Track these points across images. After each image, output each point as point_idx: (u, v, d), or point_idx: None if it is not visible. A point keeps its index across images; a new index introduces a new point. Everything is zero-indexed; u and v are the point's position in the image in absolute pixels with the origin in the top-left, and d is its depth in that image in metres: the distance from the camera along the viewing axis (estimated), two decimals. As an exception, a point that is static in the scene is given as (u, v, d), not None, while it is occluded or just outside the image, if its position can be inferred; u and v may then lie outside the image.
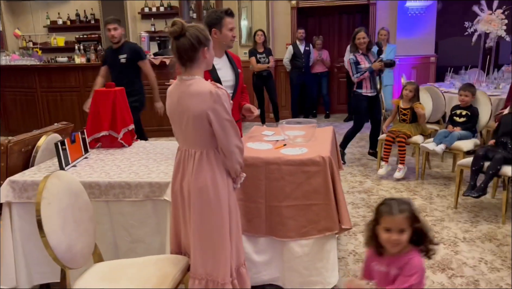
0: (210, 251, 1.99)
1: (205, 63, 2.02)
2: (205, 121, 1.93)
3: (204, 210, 1.98)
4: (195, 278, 2.03)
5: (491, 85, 5.60)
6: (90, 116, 3.16)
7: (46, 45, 8.73)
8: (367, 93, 5.06)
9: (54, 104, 7.00)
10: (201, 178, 1.97)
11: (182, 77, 1.98)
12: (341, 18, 8.27)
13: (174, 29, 1.92)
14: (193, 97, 1.92)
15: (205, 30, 2.01)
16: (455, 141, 4.23)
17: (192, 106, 1.92)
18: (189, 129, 1.97)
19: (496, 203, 3.88)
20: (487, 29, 5.62)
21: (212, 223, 1.98)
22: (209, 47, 2.00)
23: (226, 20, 2.75)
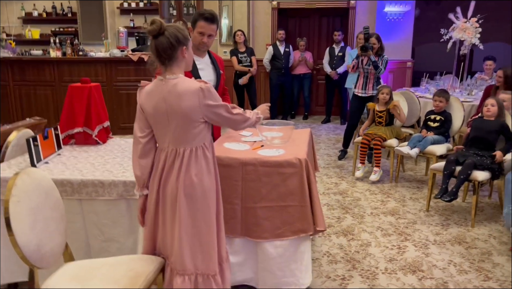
0: (199, 246, 2.01)
1: (184, 63, 2.01)
2: (197, 119, 1.95)
3: (194, 206, 1.99)
4: (184, 275, 2.02)
5: (464, 92, 5.74)
6: (64, 112, 3.09)
7: (20, 37, 8.51)
8: (358, 92, 5.20)
9: (28, 98, 6.81)
10: (191, 175, 1.97)
11: (166, 76, 1.96)
12: (321, 20, 8.33)
13: (153, 27, 1.91)
14: (183, 96, 1.91)
15: (184, 30, 2.01)
16: (429, 145, 4.32)
17: (183, 105, 1.91)
18: (178, 128, 1.96)
19: (466, 207, 3.99)
20: (462, 36, 5.76)
21: (202, 218, 2.01)
22: (187, 46, 1.99)
23: (199, 23, 2.71)
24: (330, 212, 3.89)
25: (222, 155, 2.52)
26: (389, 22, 7.37)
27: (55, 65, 6.64)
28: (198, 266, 2.01)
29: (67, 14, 8.44)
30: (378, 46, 5.01)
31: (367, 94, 5.14)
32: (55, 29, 8.48)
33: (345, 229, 3.55)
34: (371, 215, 3.83)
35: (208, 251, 2.03)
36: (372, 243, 3.30)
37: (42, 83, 6.72)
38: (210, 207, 2.03)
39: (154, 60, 1.99)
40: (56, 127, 2.89)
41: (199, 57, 2.87)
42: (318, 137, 6.75)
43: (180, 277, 2.02)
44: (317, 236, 3.38)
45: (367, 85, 5.14)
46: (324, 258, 3.09)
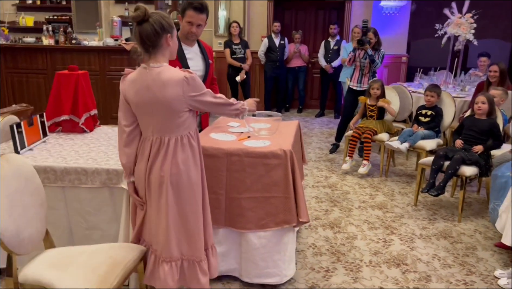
0: (185, 233, 2.03)
1: (168, 51, 1.99)
2: (182, 108, 1.94)
3: (181, 194, 1.99)
4: (170, 261, 2.03)
5: (457, 88, 5.74)
6: (51, 100, 3.07)
7: (14, 24, 8.43)
8: (353, 86, 5.21)
9: (20, 85, 6.75)
10: (177, 164, 1.97)
11: (150, 65, 1.94)
12: (317, 13, 8.29)
13: (137, 13, 1.89)
14: (167, 85, 1.89)
15: (169, 18, 1.99)
16: (419, 140, 4.32)
17: (167, 94, 1.90)
18: (162, 117, 1.94)
19: (454, 202, 4.00)
20: (456, 32, 5.74)
21: (188, 206, 2.02)
22: (172, 34, 1.97)
23: (188, 12, 2.67)
24: (318, 205, 3.89)
25: (207, 145, 2.51)
26: (385, 16, 7.34)
27: (47, 53, 6.59)
28: (184, 253, 2.03)
29: (61, 2, 8.37)
30: (375, 40, 4.99)
31: (362, 88, 5.12)
32: (49, 17, 8.40)
33: (332, 221, 3.55)
34: (359, 208, 3.84)
35: (194, 238, 2.04)
36: (358, 236, 3.31)
37: (35, 71, 6.66)
38: (196, 195, 2.03)
39: (137, 47, 1.97)
40: (42, 115, 2.87)
41: (188, 46, 2.85)
42: (311, 131, 6.75)
43: (167, 264, 2.03)
44: (303, 228, 3.39)
45: (363, 78, 5.13)
46: (309, 250, 3.09)
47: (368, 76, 5.12)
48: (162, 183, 1.97)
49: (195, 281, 2.08)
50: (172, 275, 2.04)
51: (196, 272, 2.07)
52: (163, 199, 1.98)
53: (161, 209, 1.99)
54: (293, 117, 7.77)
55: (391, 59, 7.51)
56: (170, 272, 2.03)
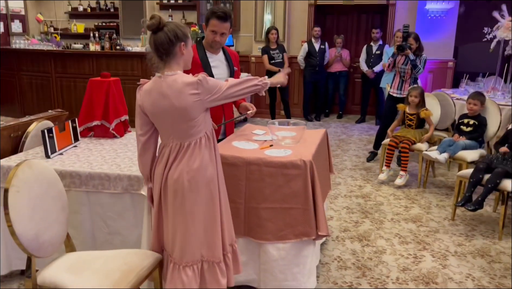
0: (204, 235, 2.04)
1: (183, 60, 2.01)
2: (199, 112, 1.96)
3: (198, 196, 2.00)
4: (192, 265, 2.04)
5: (506, 95, 5.39)
6: (84, 105, 3.18)
7: (66, 31, 8.89)
8: (393, 93, 5.06)
9: (68, 89, 7.11)
10: (194, 166, 1.98)
11: (164, 73, 1.96)
12: (359, 17, 8.11)
13: (152, 22, 1.93)
14: (183, 91, 1.91)
15: (184, 27, 2.00)
16: (460, 150, 4.09)
17: (184, 101, 1.91)
18: (180, 123, 1.96)
19: (496, 218, 3.75)
20: (507, 36, 5.40)
21: (206, 206, 2.03)
22: (186, 43, 1.99)
23: (212, 21, 2.70)
24: (349, 216, 3.78)
25: (227, 154, 2.50)
26: (430, 20, 7.04)
27: (93, 59, 6.89)
28: (204, 254, 2.05)
29: (110, 10, 8.72)
30: (416, 46, 4.79)
31: (403, 95, 4.93)
32: (98, 23, 8.78)
33: (361, 234, 3.44)
34: (391, 221, 3.69)
35: (213, 239, 2.05)
36: (387, 251, 3.18)
37: (82, 76, 6.99)
38: (213, 194, 2.04)
39: (153, 55, 2.00)
40: (74, 120, 2.98)
41: (212, 54, 2.86)
42: (350, 138, 6.60)
43: (189, 268, 2.04)
44: (330, 239, 3.30)
45: (403, 85, 4.95)
46: (334, 263, 3.01)
47: (409, 82, 4.93)
48: (179, 187, 1.98)
49: (214, 282, 2.08)
50: (195, 279, 2.05)
51: (216, 273, 2.08)
52: (181, 202, 1.99)
53: (179, 213, 2.00)
54: (333, 123, 7.64)
55: (436, 64, 7.20)
56: (193, 276, 2.04)
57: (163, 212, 2.10)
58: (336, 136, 6.60)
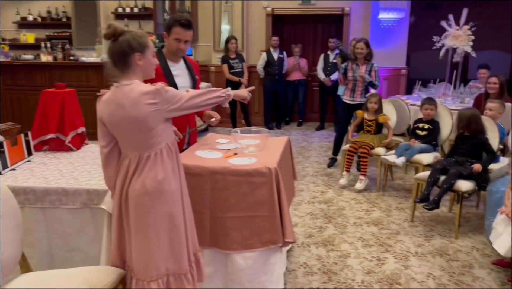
0: (169, 248, 1.98)
1: (140, 70, 1.96)
2: (158, 122, 1.91)
3: (162, 208, 1.94)
4: (157, 279, 1.97)
5: (456, 100, 5.66)
6: (37, 118, 3.05)
7: (15, 41, 8.51)
8: (346, 100, 5.16)
9: (18, 102, 6.78)
10: (156, 178, 1.92)
11: (122, 83, 1.91)
12: (316, 27, 8.29)
13: (107, 32, 1.91)
14: (139, 101, 1.86)
15: (142, 37, 1.95)
16: (416, 154, 4.24)
17: (141, 111, 1.86)
18: (139, 134, 1.91)
19: (452, 217, 3.89)
20: (454, 44, 5.69)
21: (169, 218, 1.97)
22: (143, 53, 1.93)
23: (175, 29, 2.67)
24: (313, 222, 3.81)
25: (190, 164, 2.45)
26: (383, 29, 7.31)
27: (46, 70, 6.62)
28: (169, 267, 1.98)
29: (62, 19, 8.44)
30: (367, 51, 4.95)
31: (355, 102, 5.08)
32: (50, 33, 8.47)
33: (326, 239, 3.47)
34: (354, 225, 3.75)
35: (178, 252, 2.00)
36: (352, 254, 3.22)
37: (33, 88, 6.67)
38: (177, 208, 1.99)
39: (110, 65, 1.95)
40: (27, 134, 2.85)
41: (173, 62, 2.83)
42: (310, 145, 6.69)
43: (154, 283, 1.97)
44: (295, 246, 3.31)
45: (355, 92, 5.08)
46: (300, 269, 3.01)
47: (361, 90, 5.07)
48: (140, 201, 1.92)
49: None
50: None
51: (183, 284, 2.03)
52: (143, 216, 1.92)
53: (141, 227, 1.93)
54: (293, 130, 7.72)
55: (390, 71, 7.46)
56: None
57: (124, 226, 2.03)
58: (297, 144, 6.68)
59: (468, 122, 3.63)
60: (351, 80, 5.05)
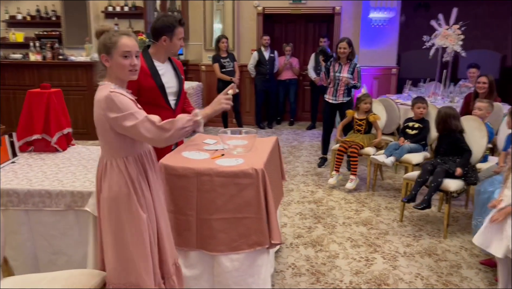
0: (126, 262, 1.92)
1: (112, 72, 1.92)
2: (107, 129, 1.87)
3: (114, 221, 1.91)
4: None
5: (446, 99, 5.68)
6: (22, 118, 3.01)
7: (4, 40, 8.41)
8: (328, 99, 5.16)
9: (7, 102, 6.70)
10: (109, 188, 1.90)
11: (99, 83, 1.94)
12: (307, 26, 8.28)
13: (96, 30, 1.97)
14: (96, 104, 1.89)
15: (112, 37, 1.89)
16: (405, 154, 4.25)
17: (96, 113, 1.90)
18: (99, 136, 1.94)
19: (441, 217, 3.91)
20: (444, 44, 5.71)
21: (127, 233, 1.91)
22: (109, 55, 1.88)
23: (178, 29, 2.71)
24: (302, 222, 3.80)
25: (177, 165, 2.44)
26: (374, 28, 7.31)
27: (34, 69, 6.56)
28: (121, 279, 1.92)
29: (51, 18, 8.36)
30: (349, 51, 4.94)
31: (338, 101, 5.10)
32: (39, 32, 8.39)
33: (315, 239, 3.47)
34: (343, 225, 3.75)
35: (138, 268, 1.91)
36: (340, 255, 3.22)
37: (22, 88, 6.59)
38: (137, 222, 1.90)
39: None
40: (11, 134, 2.80)
41: (160, 62, 2.80)
42: (301, 144, 6.68)
43: None
44: (284, 247, 3.30)
45: (338, 92, 5.08)
46: (288, 270, 3.00)
47: (343, 89, 5.06)
48: (104, 205, 1.92)
49: None
50: None
51: None
52: (105, 220, 1.92)
53: (103, 231, 1.94)
54: (284, 130, 7.71)
55: (381, 71, 7.48)
56: None
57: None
58: (288, 143, 6.67)
59: (443, 121, 3.69)
60: (334, 79, 5.05)
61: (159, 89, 2.72)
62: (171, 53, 2.83)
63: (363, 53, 7.37)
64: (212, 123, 7.70)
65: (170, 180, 2.41)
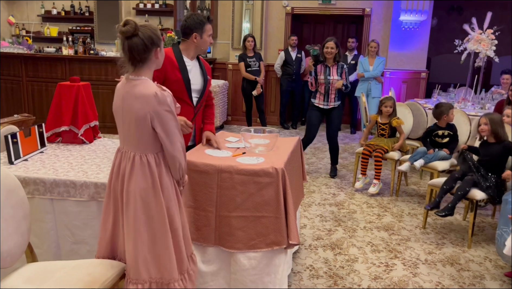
0: (151, 255, 1.96)
1: (155, 64, 2.00)
2: (148, 125, 1.90)
3: (143, 215, 1.94)
4: (137, 283, 1.97)
5: (476, 105, 5.53)
6: (52, 110, 3.09)
7: (39, 34, 8.69)
8: (319, 104, 4.90)
9: (39, 94, 6.92)
10: (137, 182, 1.92)
11: (129, 76, 1.94)
12: (335, 27, 8.22)
13: (127, 28, 1.89)
14: (138, 99, 1.88)
15: (157, 30, 1.98)
16: (436, 160, 4.15)
17: (135, 108, 1.88)
18: (131, 131, 1.94)
19: (466, 226, 3.81)
20: (477, 48, 5.55)
21: (153, 227, 1.95)
22: (161, 47, 1.97)
23: (207, 26, 2.76)
24: (322, 224, 3.77)
25: (198, 161, 2.46)
26: (404, 31, 7.18)
27: (66, 63, 6.74)
28: (152, 275, 1.96)
29: (85, 13, 8.58)
30: (336, 52, 4.75)
31: (329, 106, 4.86)
32: (72, 27, 8.61)
33: (334, 242, 3.43)
34: (364, 229, 3.70)
35: (163, 261, 1.96)
36: (359, 259, 3.18)
37: (54, 80, 6.79)
38: (162, 217, 1.94)
39: (125, 60, 1.96)
40: (40, 125, 2.89)
41: (189, 59, 2.83)
42: (325, 146, 6.60)
43: (133, 285, 1.96)
44: (302, 248, 3.28)
45: (330, 96, 4.82)
46: (306, 272, 2.98)
47: (335, 93, 4.81)
48: (127, 200, 1.94)
49: None
50: None
51: None
52: (129, 216, 1.93)
53: (129, 225, 1.94)
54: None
55: (410, 74, 7.34)
56: None
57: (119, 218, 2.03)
58: (312, 145, 6.60)
59: (496, 129, 3.46)
60: (323, 83, 4.79)
61: (185, 84, 2.75)
62: (201, 51, 2.85)
63: (392, 56, 7.26)
64: (236, 122, 7.75)
65: (191, 175, 2.44)
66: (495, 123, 3.47)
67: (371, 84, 6.63)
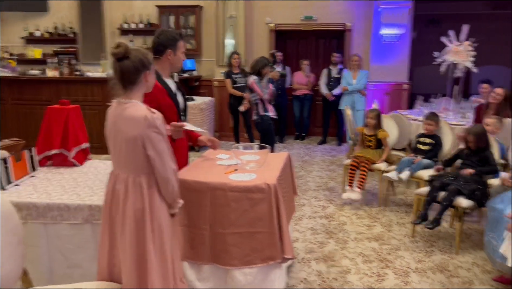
0: (145, 276, 1.96)
1: (145, 87, 2.04)
2: (139, 147, 1.93)
3: (138, 236, 1.95)
4: None
5: (457, 115, 5.68)
6: (42, 134, 3.11)
7: (22, 56, 8.65)
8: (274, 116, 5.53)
9: (25, 117, 6.86)
10: (132, 204, 1.94)
11: (120, 100, 1.98)
12: (317, 42, 8.38)
13: (118, 50, 1.93)
14: (128, 121, 1.92)
15: (148, 54, 2.03)
16: (421, 169, 4.25)
17: (126, 130, 1.92)
18: (122, 153, 1.97)
19: (453, 233, 3.88)
20: (455, 60, 5.73)
21: (150, 248, 1.96)
22: (151, 70, 2.02)
23: (180, 42, 2.69)
24: (314, 237, 3.82)
25: (190, 179, 2.50)
26: (385, 44, 7.37)
27: (52, 85, 6.72)
28: None
29: (68, 35, 8.59)
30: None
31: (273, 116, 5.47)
32: (57, 49, 8.61)
33: (327, 254, 3.48)
34: (355, 240, 3.76)
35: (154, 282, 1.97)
36: (352, 270, 3.23)
37: (40, 103, 6.76)
38: (156, 237, 1.97)
39: (115, 83, 2.00)
40: (31, 149, 2.90)
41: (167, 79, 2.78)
42: (313, 159, 6.71)
43: None
44: (296, 261, 3.32)
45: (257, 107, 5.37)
46: (300, 285, 3.02)
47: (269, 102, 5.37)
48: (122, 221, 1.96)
49: None
50: None
51: None
52: (125, 237, 1.95)
53: (126, 245, 1.96)
54: (296, 144, 7.76)
55: (392, 86, 7.50)
56: None
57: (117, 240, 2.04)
58: (300, 158, 6.70)
59: (478, 137, 3.67)
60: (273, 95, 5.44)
61: (176, 108, 2.74)
62: (176, 68, 2.78)
63: (374, 69, 7.41)
64: (224, 137, 7.79)
65: (184, 193, 2.45)
66: (479, 138, 3.70)
67: (355, 97, 6.78)
